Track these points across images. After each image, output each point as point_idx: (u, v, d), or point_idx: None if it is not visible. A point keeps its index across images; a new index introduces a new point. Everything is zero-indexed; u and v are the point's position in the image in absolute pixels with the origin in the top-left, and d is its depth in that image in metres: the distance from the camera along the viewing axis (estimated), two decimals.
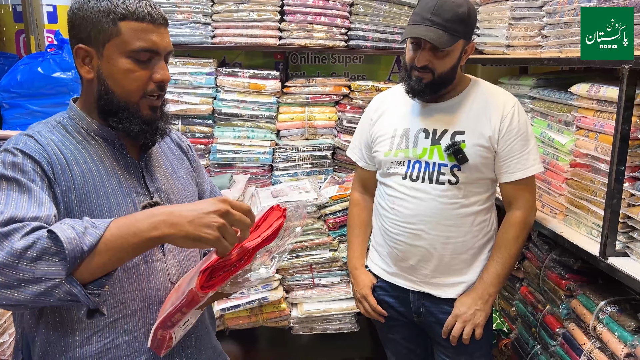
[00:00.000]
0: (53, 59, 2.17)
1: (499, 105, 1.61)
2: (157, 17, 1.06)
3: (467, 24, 1.54)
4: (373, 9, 2.64)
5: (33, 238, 0.86)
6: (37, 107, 2.15)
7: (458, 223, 1.63)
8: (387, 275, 1.76)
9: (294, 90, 2.67)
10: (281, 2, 2.59)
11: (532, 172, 1.62)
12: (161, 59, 1.08)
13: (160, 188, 1.17)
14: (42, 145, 1.03)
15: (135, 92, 1.07)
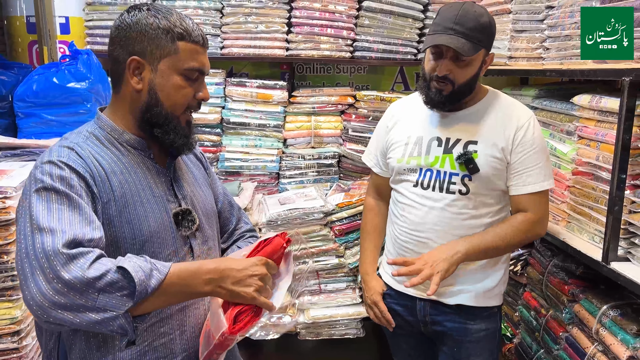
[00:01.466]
0: (68, 70, 2.21)
1: (514, 117, 1.59)
2: (206, 41, 1.16)
3: (488, 33, 1.53)
4: (378, 21, 2.70)
5: (104, 269, 0.92)
6: (52, 117, 2.19)
7: (467, 233, 1.59)
8: (396, 284, 1.74)
9: (301, 100, 2.73)
10: (288, 15, 2.65)
11: (542, 187, 1.58)
12: (204, 78, 1.17)
13: (186, 195, 1.22)
14: (83, 159, 1.06)
15: (182, 106, 1.14)
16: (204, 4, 2.59)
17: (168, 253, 1.14)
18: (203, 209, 1.26)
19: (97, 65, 2.31)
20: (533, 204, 1.59)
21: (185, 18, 1.14)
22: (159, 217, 1.13)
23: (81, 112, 2.22)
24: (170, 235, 1.15)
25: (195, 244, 1.20)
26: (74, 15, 2.59)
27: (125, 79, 1.13)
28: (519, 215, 1.60)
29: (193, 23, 1.14)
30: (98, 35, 2.60)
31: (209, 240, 1.26)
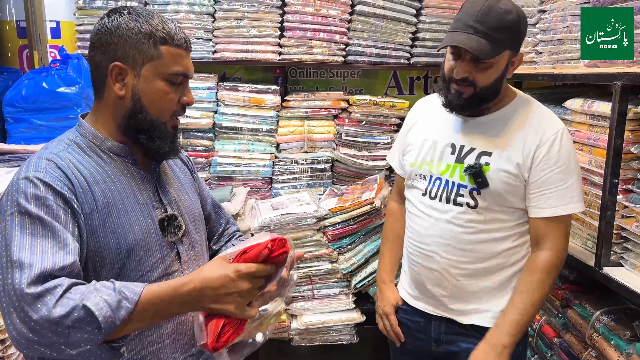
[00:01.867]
0: (57, 74, 2.20)
1: (539, 129, 1.42)
2: (189, 44, 1.14)
3: (515, 32, 1.37)
4: (371, 25, 2.70)
5: (70, 306, 0.90)
6: (42, 122, 2.18)
7: (476, 249, 1.48)
8: (411, 299, 1.65)
9: (294, 104, 2.72)
10: (281, 19, 2.64)
11: (567, 210, 1.41)
12: (188, 82, 1.15)
13: (172, 200, 1.20)
14: (63, 170, 1.03)
15: (167, 112, 1.13)
16: (195, 9, 2.57)
17: (154, 261, 1.12)
18: (190, 214, 1.24)
19: (87, 69, 2.29)
20: (551, 233, 1.42)
21: (167, 21, 1.11)
22: (144, 225, 1.11)
23: (71, 117, 2.20)
24: (157, 243, 1.12)
25: (182, 250, 1.18)
26: (65, 19, 2.57)
27: (108, 85, 1.10)
28: (538, 263, 1.43)
29: (176, 26, 1.12)
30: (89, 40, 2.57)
31: (196, 246, 1.23)
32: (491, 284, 1.50)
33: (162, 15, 1.13)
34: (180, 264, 1.17)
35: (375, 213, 2.42)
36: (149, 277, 1.10)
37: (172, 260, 1.15)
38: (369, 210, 2.41)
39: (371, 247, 2.47)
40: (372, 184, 2.63)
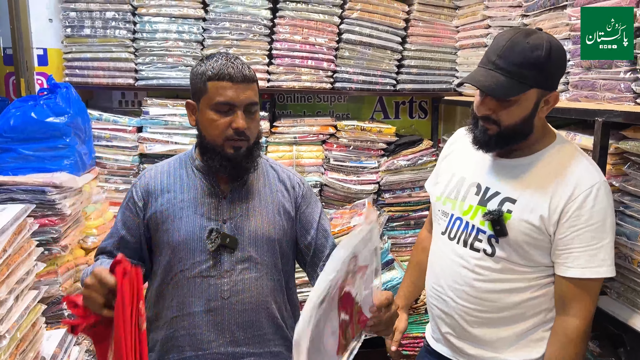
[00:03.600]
0: (46, 104, 2.18)
1: (573, 181, 1.30)
2: (236, 76, 1.28)
3: (542, 69, 1.26)
4: (357, 52, 2.75)
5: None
6: (30, 152, 2.14)
7: (491, 298, 1.38)
8: (432, 341, 1.58)
9: (282, 130, 2.74)
10: (269, 47, 2.68)
11: (597, 274, 1.28)
12: (239, 110, 1.29)
13: (233, 218, 1.36)
14: (147, 179, 1.41)
15: (218, 136, 1.30)
16: (184, 36, 2.59)
17: (194, 262, 1.34)
18: (251, 234, 1.37)
19: (76, 98, 2.29)
20: (578, 296, 1.31)
21: (225, 62, 1.30)
22: (190, 230, 1.34)
23: (60, 147, 2.18)
24: (199, 248, 1.34)
25: (225, 260, 1.34)
26: (53, 47, 2.56)
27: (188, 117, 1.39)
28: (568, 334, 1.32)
29: (232, 63, 1.29)
30: (77, 68, 2.58)
31: (249, 262, 1.36)
32: (510, 334, 1.40)
33: (231, 56, 1.33)
34: (220, 272, 1.33)
35: None
36: (187, 273, 1.33)
37: (210, 265, 1.34)
38: None
39: None
40: (361, 208, 2.66)
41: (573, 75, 1.82)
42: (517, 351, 1.40)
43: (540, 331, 1.40)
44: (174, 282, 1.36)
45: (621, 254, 1.55)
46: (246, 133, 1.30)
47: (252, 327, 1.35)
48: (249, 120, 1.31)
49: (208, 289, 1.33)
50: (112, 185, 2.63)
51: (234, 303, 1.33)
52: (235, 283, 1.34)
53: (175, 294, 1.36)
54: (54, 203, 1.99)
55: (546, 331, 1.40)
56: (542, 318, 1.39)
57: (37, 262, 1.61)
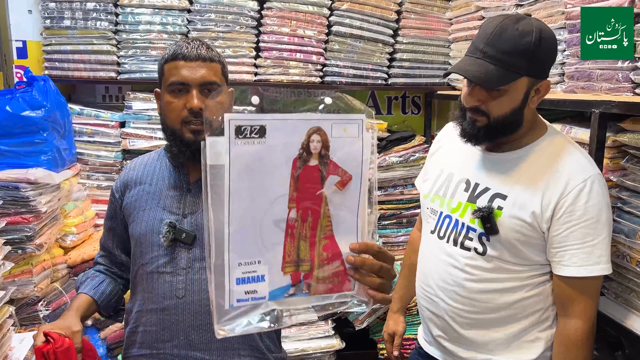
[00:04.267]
0: (22, 97, 2.09)
1: (564, 176, 1.24)
2: (189, 55, 1.22)
3: (532, 57, 1.20)
4: (348, 45, 2.67)
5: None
6: (5, 147, 2.06)
7: (482, 298, 1.33)
8: (425, 343, 1.54)
9: None
10: (257, 39, 2.60)
11: (593, 272, 1.23)
12: (194, 89, 1.22)
13: (195, 212, 1.28)
14: (127, 170, 1.39)
15: (175, 120, 1.24)
16: (168, 28, 2.51)
17: (151, 257, 1.28)
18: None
19: (54, 91, 2.21)
20: (578, 296, 1.26)
21: (182, 43, 1.25)
22: (150, 224, 1.29)
23: (37, 142, 2.10)
24: (156, 242, 1.28)
25: (182, 257, 1.26)
26: (32, 39, 2.48)
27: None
28: (571, 336, 1.27)
29: (189, 44, 1.24)
30: (57, 60, 2.49)
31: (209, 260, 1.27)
32: (503, 335, 1.34)
33: (193, 39, 1.28)
34: (176, 269, 1.26)
35: None
36: (146, 268, 1.28)
37: (166, 261, 1.27)
38: None
39: None
40: None
41: (569, 66, 1.75)
42: (511, 353, 1.35)
43: (535, 332, 1.34)
44: (138, 275, 1.31)
45: (619, 253, 1.48)
46: (200, 114, 1.22)
47: (209, 331, 1.24)
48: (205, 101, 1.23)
49: (163, 285, 1.27)
50: (94, 182, 2.54)
51: (189, 303, 1.24)
52: (191, 282, 1.26)
53: (138, 289, 1.32)
54: (28, 200, 1.92)
55: (541, 332, 1.34)
56: (536, 318, 1.34)
57: (3, 262, 1.52)
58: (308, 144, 0.79)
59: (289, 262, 0.82)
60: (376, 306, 2.35)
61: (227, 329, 0.79)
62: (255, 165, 0.77)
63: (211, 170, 0.77)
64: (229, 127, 0.75)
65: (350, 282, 0.84)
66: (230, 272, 0.77)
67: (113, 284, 1.42)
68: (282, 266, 0.81)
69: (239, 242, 0.78)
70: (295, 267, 0.82)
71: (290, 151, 0.79)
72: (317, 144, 0.80)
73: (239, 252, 0.78)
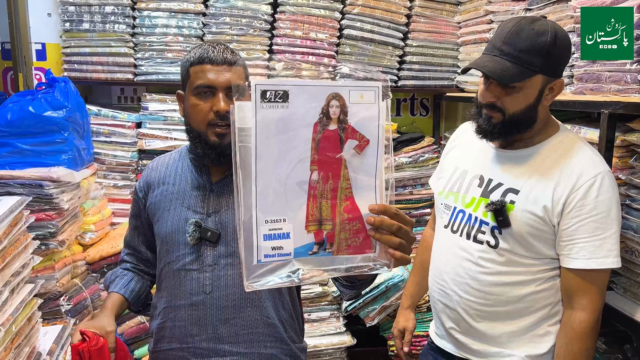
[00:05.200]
0: (44, 98, 2.15)
1: (575, 172, 1.28)
2: (216, 59, 1.25)
3: (548, 56, 1.25)
4: (358, 48, 2.73)
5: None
6: (27, 146, 2.12)
7: (495, 291, 1.36)
8: (436, 337, 1.57)
9: None
10: (270, 42, 2.66)
11: (602, 265, 1.26)
12: (220, 92, 1.24)
13: (218, 211, 1.31)
14: (149, 170, 1.42)
15: (201, 122, 1.26)
16: (184, 31, 2.57)
17: (178, 255, 1.31)
18: (235, 228, 1.31)
19: (74, 93, 2.26)
20: (585, 289, 1.28)
21: (208, 47, 1.27)
22: (176, 223, 1.32)
23: (58, 142, 2.16)
24: (182, 241, 1.31)
25: (207, 254, 1.30)
26: (51, 41, 2.54)
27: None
28: (575, 328, 1.30)
29: (214, 47, 1.26)
30: (76, 62, 2.55)
31: (234, 258, 1.30)
32: (515, 328, 1.37)
33: (216, 43, 1.29)
34: (202, 266, 1.30)
35: None
36: (173, 266, 1.31)
37: (192, 259, 1.30)
38: None
39: None
40: None
41: (578, 68, 1.79)
42: (522, 346, 1.38)
43: (546, 325, 1.37)
44: (164, 273, 1.36)
45: (627, 248, 1.53)
46: (227, 117, 1.25)
47: (236, 325, 1.29)
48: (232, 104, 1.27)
49: (190, 282, 1.31)
50: (111, 182, 2.60)
51: (216, 298, 1.29)
52: (217, 278, 1.30)
53: (165, 286, 1.35)
54: (51, 197, 1.97)
55: (551, 325, 1.38)
56: (547, 312, 1.37)
57: (33, 256, 1.57)
58: (327, 109, 0.85)
59: (312, 221, 0.87)
60: (387, 303, 2.40)
61: (256, 285, 0.85)
62: (279, 128, 0.83)
63: (239, 132, 0.83)
64: (255, 92, 0.81)
65: (372, 242, 0.89)
66: (258, 229, 0.83)
67: (141, 281, 1.46)
68: (305, 224, 0.86)
69: (265, 200, 0.84)
70: (318, 225, 0.87)
71: (311, 115, 0.85)
72: (336, 109, 0.85)
73: (265, 210, 0.84)
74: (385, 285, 2.46)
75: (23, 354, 1.46)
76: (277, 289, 1.37)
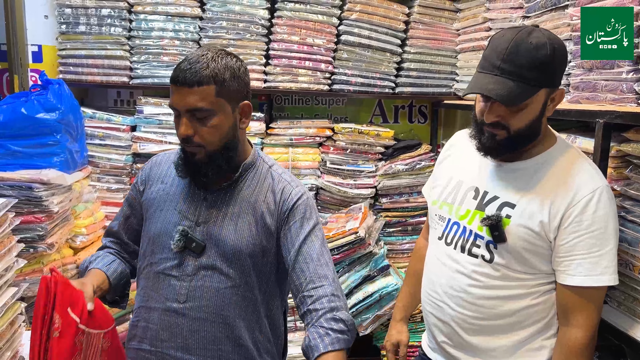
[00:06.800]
0: (37, 100, 2.14)
1: (572, 186, 1.25)
2: (179, 79, 1.20)
3: (550, 68, 1.22)
4: (356, 54, 2.72)
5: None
6: (19, 148, 2.11)
7: (487, 304, 1.34)
8: (429, 350, 1.54)
9: (278, 131, 2.70)
10: (267, 47, 2.65)
11: (599, 282, 1.23)
12: (183, 116, 1.21)
13: (207, 222, 1.31)
14: (151, 164, 1.44)
15: (180, 139, 1.25)
16: (180, 35, 2.56)
17: (161, 257, 1.32)
18: (219, 243, 1.30)
19: (68, 95, 2.25)
20: (581, 306, 1.26)
21: (182, 62, 1.22)
22: (165, 226, 1.32)
23: (50, 144, 2.14)
24: (167, 245, 1.31)
25: (188, 263, 1.30)
26: (47, 43, 2.53)
27: None
28: (570, 346, 1.27)
29: (184, 64, 1.21)
30: (71, 65, 2.55)
31: (213, 270, 1.29)
32: (509, 342, 1.35)
33: (194, 55, 1.23)
34: (182, 274, 1.29)
35: (359, 242, 2.39)
36: (154, 267, 1.32)
37: (174, 265, 1.30)
38: (352, 240, 2.38)
39: (355, 278, 2.44)
40: (357, 212, 2.61)
41: (574, 77, 1.77)
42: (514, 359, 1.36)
43: (540, 340, 1.35)
44: (144, 272, 1.35)
45: (622, 261, 1.49)
46: (193, 140, 1.21)
47: (205, 338, 1.28)
48: (197, 126, 1.21)
49: (167, 288, 1.30)
50: (104, 185, 2.58)
51: (189, 309, 1.28)
52: (193, 289, 1.29)
53: (143, 285, 1.35)
54: (40, 200, 1.95)
55: (545, 340, 1.35)
56: (541, 326, 1.35)
57: (17, 259, 1.55)
58: None
59: None
60: (380, 312, 2.36)
61: None
62: None
63: None
64: None
65: None
66: None
67: (123, 265, 1.44)
68: None
69: None
70: None
71: None
72: None
73: None
74: (379, 294, 2.43)
75: (4, 358, 1.44)
76: (250, 308, 1.33)
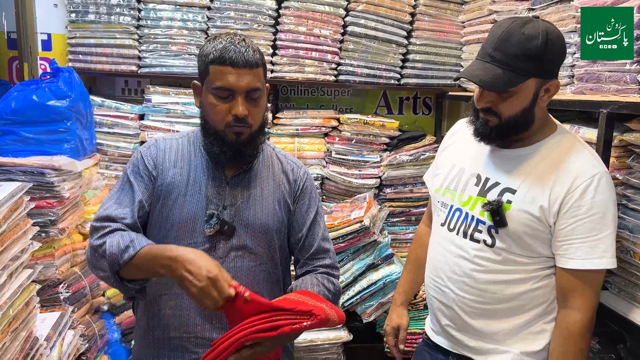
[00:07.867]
0: (48, 87, 2.18)
1: (572, 172, 1.28)
2: (237, 61, 1.23)
3: (540, 59, 1.24)
4: (362, 45, 2.74)
5: (101, 241, 1.23)
6: (30, 134, 2.14)
7: (490, 289, 1.37)
8: (432, 334, 1.57)
9: (285, 121, 2.73)
10: (274, 37, 2.67)
11: (598, 265, 1.27)
12: (239, 96, 1.25)
13: (234, 204, 1.34)
14: (158, 149, 1.37)
15: (219, 122, 1.28)
16: (189, 25, 2.59)
17: (189, 243, 1.30)
18: (249, 223, 1.35)
19: (78, 83, 2.28)
20: (580, 289, 1.29)
21: (228, 45, 1.24)
22: (192, 211, 1.32)
23: (60, 131, 2.18)
24: (197, 230, 1.31)
25: (220, 246, 1.32)
26: (57, 32, 2.56)
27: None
28: (569, 327, 1.30)
29: (235, 46, 1.23)
30: (80, 53, 2.57)
31: (243, 251, 1.34)
32: (510, 326, 1.39)
33: (236, 38, 1.26)
34: (213, 257, 1.24)
35: (364, 231, 2.43)
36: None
37: (205, 249, 1.29)
38: (357, 229, 2.41)
39: (360, 266, 2.48)
40: (362, 202, 2.64)
41: (578, 68, 1.80)
42: (517, 343, 1.39)
43: (541, 323, 1.38)
44: None
45: (623, 248, 1.53)
46: (247, 120, 1.26)
47: None
48: (250, 106, 1.26)
49: None
50: (113, 172, 2.62)
51: None
52: (227, 270, 1.26)
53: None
54: (52, 185, 1.99)
55: (546, 323, 1.38)
56: (542, 310, 1.38)
57: (32, 241, 1.59)
58: None
59: None
60: (384, 300, 2.40)
61: None
62: None
63: None
64: None
65: None
66: None
67: None
68: None
69: None
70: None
71: None
72: None
73: None
74: (383, 281, 2.47)
75: (20, 338, 1.48)
76: (274, 283, 1.41)
